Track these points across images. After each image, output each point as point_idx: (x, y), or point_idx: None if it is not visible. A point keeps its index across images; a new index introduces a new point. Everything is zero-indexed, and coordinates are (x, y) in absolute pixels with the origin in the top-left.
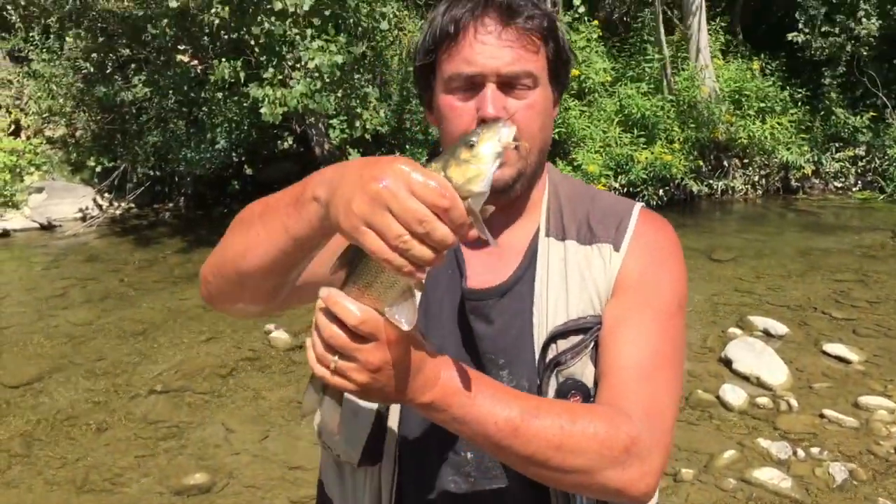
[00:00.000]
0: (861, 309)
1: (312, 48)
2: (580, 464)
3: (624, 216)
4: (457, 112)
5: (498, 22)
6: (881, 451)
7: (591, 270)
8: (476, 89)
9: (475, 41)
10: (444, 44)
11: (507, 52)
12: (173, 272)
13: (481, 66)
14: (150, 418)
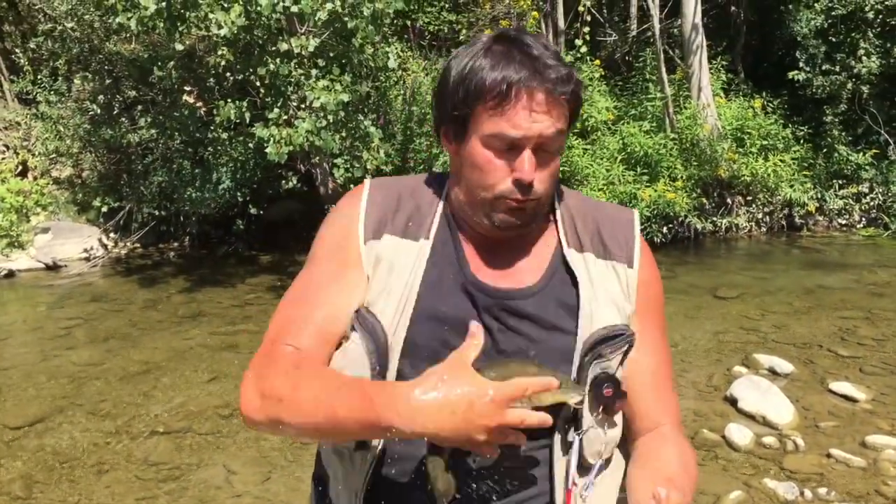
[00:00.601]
0: (867, 347)
1: (318, 88)
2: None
3: (628, 230)
4: (492, 167)
5: (547, 95)
6: (889, 492)
7: (611, 284)
8: (513, 149)
9: (526, 111)
10: (490, 100)
11: (548, 120)
12: (177, 312)
13: (527, 132)
14: (152, 460)
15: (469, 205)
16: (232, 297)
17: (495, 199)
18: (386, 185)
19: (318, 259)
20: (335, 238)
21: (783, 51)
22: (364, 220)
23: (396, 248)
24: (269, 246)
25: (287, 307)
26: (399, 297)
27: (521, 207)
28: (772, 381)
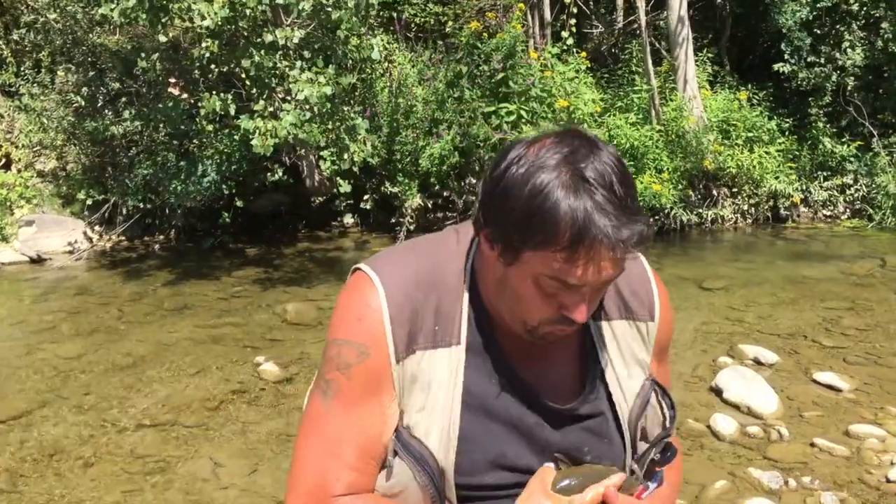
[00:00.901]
0: (851, 337)
1: (301, 80)
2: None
3: (646, 283)
4: (538, 303)
5: (615, 254)
6: (872, 480)
7: (635, 342)
8: (570, 289)
9: (595, 266)
10: (557, 242)
11: (614, 271)
12: (163, 305)
13: (587, 282)
14: (138, 453)
15: (504, 314)
16: (218, 289)
17: (538, 325)
18: (402, 282)
19: (344, 390)
20: (363, 368)
21: (768, 43)
22: (392, 339)
23: (430, 362)
24: (255, 239)
25: (316, 444)
26: (442, 416)
27: (564, 333)
28: (756, 372)
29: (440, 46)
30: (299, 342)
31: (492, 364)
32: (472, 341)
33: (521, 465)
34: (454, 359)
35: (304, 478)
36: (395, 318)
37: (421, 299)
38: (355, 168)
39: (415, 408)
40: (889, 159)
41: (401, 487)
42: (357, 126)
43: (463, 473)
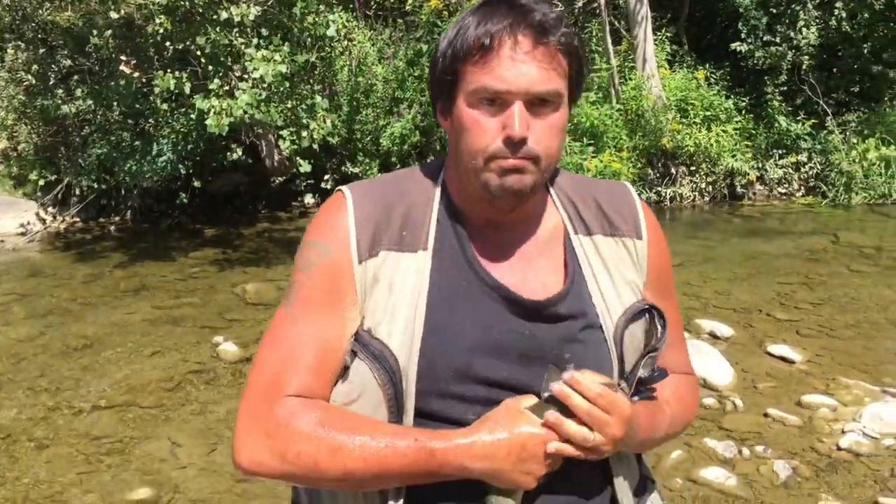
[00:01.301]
0: (804, 310)
1: (257, 58)
2: (678, 431)
3: (630, 202)
4: (481, 128)
5: (532, 40)
6: (823, 448)
7: (623, 262)
8: (503, 106)
9: (509, 59)
10: (474, 56)
11: (538, 72)
12: (119, 286)
13: (512, 83)
14: (94, 434)
15: (464, 180)
16: (176, 270)
17: (487, 162)
18: (371, 192)
19: (305, 292)
20: (324, 268)
21: (726, 23)
22: (356, 241)
23: (395, 265)
24: (213, 219)
25: (274, 348)
26: (405, 317)
27: (516, 168)
28: (712, 345)
29: (400, 25)
30: (258, 322)
31: (461, 267)
32: (440, 246)
33: (492, 378)
34: (421, 263)
35: (260, 378)
36: (360, 221)
37: (389, 206)
38: (315, 147)
39: (377, 309)
40: (842, 137)
41: (358, 391)
42: (316, 104)
43: (425, 379)
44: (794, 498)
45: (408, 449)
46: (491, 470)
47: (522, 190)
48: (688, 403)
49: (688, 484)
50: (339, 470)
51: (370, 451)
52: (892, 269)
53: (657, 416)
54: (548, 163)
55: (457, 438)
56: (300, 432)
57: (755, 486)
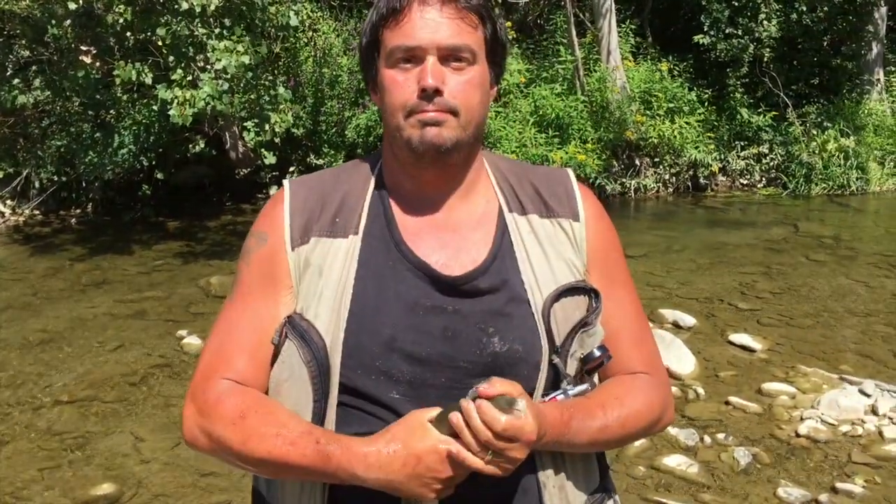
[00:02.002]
0: (765, 300)
1: (219, 49)
2: (635, 431)
3: (567, 185)
4: (398, 85)
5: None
6: (783, 435)
7: (560, 242)
8: (417, 62)
9: (417, 17)
10: (388, 20)
11: (447, 27)
12: (80, 279)
13: (422, 39)
14: (55, 430)
15: (393, 145)
16: (138, 263)
17: (407, 117)
18: (307, 184)
19: (244, 279)
20: (261, 256)
21: (689, 15)
22: (290, 226)
23: (325, 250)
24: (177, 212)
25: (217, 335)
26: (332, 298)
27: (435, 121)
28: (675, 335)
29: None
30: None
31: (388, 247)
32: (371, 230)
33: (415, 354)
34: (350, 247)
35: (202, 360)
36: (294, 210)
37: (324, 196)
38: (277, 139)
39: (308, 293)
40: (802, 129)
41: (288, 371)
42: (279, 96)
43: (351, 357)
44: (754, 484)
45: (307, 450)
46: (385, 481)
47: (443, 144)
48: (644, 403)
49: (650, 472)
50: (249, 458)
51: (275, 446)
52: (849, 258)
53: (586, 417)
54: (468, 117)
55: (354, 446)
56: (222, 418)
57: (716, 472)
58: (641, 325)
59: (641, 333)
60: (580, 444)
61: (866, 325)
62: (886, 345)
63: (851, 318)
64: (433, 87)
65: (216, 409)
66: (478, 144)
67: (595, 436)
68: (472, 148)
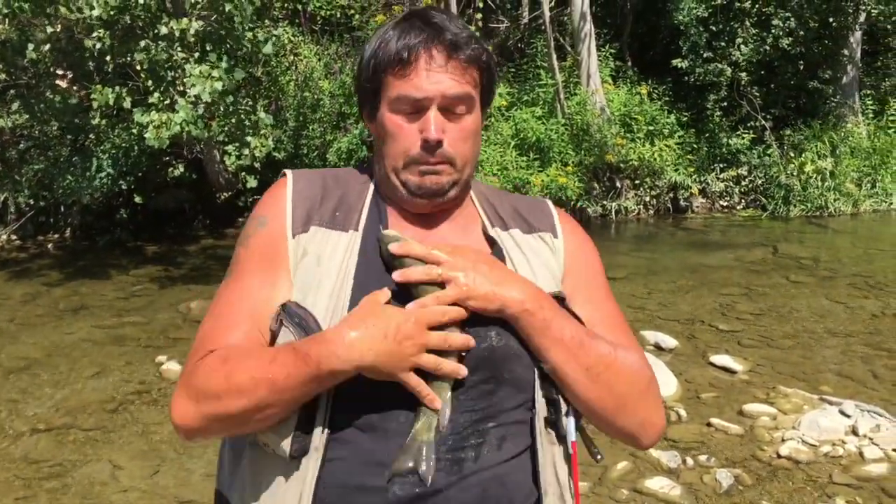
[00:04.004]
0: (745, 321)
1: (195, 75)
2: (619, 386)
3: (543, 207)
4: (403, 132)
5: (445, 55)
6: (764, 456)
7: (542, 254)
8: (420, 112)
9: (425, 70)
10: (394, 67)
11: (450, 82)
12: (58, 305)
13: (428, 91)
14: (32, 458)
15: (389, 178)
16: (117, 289)
17: (407, 164)
18: (309, 175)
19: (241, 260)
20: (260, 239)
21: (667, 39)
22: (291, 213)
23: (324, 241)
24: (156, 236)
25: (212, 314)
26: (331, 290)
27: (434, 171)
28: (657, 356)
29: (346, 40)
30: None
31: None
32: (371, 231)
33: None
34: (351, 241)
35: (195, 344)
36: (296, 199)
37: (325, 188)
38: (258, 163)
39: (305, 280)
40: (780, 151)
41: None
42: (260, 120)
43: None
44: None
45: (286, 359)
46: (372, 358)
47: (440, 189)
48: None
49: (633, 494)
50: (234, 394)
51: (257, 370)
52: (829, 279)
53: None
54: (463, 163)
55: (329, 335)
56: (206, 370)
57: (699, 494)
58: (625, 328)
59: (626, 335)
60: (571, 337)
61: (846, 346)
62: (866, 365)
63: (831, 338)
64: (436, 140)
65: (199, 368)
66: (470, 180)
67: (570, 341)
68: (466, 185)
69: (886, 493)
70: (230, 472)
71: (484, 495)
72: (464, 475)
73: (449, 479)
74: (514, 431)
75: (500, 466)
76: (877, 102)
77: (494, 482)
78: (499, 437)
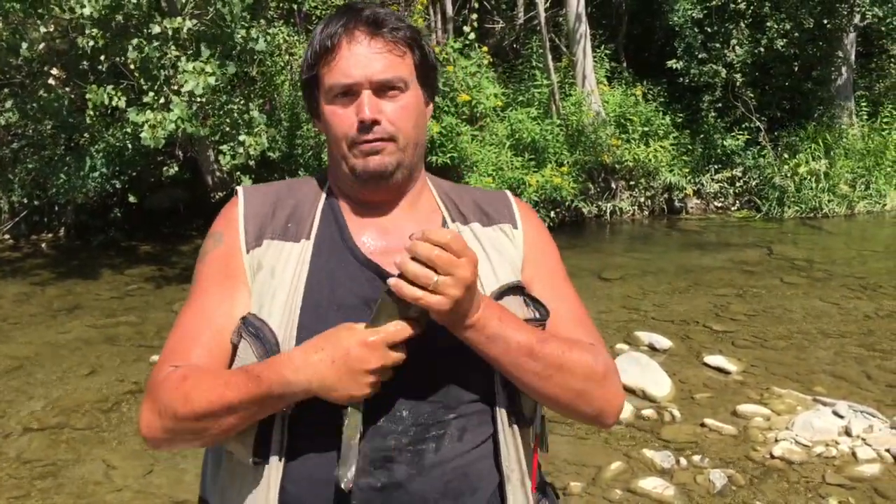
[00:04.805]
0: (739, 322)
1: (188, 71)
2: (573, 383)
3: (504, 199)
4: (339, 118)
5: (367, 34)
6: (757, 457)
7: (502, 246)
8: (354, 96)
9: (349, 54)
10: (322, 58)
11: (377, 60)
12: (52, 305)
13: (355, 76)
14: (25, 457)
15: (339, 169)
16: (111, 288)
17: (350, 148)
18: (260, 191)
19: (201, 280)
20: (217, 255)
21: (663, 40)
22: (244, 230)
23: (277, 253)
24: (150, 236)
25: (176, 332)
26: (286, 296)
27: (375, 150)
28: (651, 357)
29: None
30: None
31: (339, 251)
32: (322, 236)
33: None
34: (302, 251)
35: (162, 354)
36: (249, 214)
37: (276, 202)
38: (252, 161)
39: (261, 293)
40: (775, 152)
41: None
42: (254, 119)
43: None
44: None
45: (239, 382)
46: (317, 381)
47: (385, 170)
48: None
49: (627, 495)
50: (191, 413)
51: (212, 391)
52: (822, 280)
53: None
54: (405, 140)
55: (281, 358)
56: (167, 388)
57: (692, 495)
58: (582, 315)
59: (585, 321)
60: (518, 345)
61: (840, 347)
62: (859, 366)
63: (825, 339)
64: (370, 119)
65: (161, 386)
66: (420, 162)
67: (517, 349)
68: (415, 166)
69: (879, 493)
70: (212, 478)
71: (446, 487)
72: (425, 467)
73: (410, 471)
74: (476, 421)
75: (461, 457)
76: (871, 104)
77: (456, 473)
78: (459, 427)
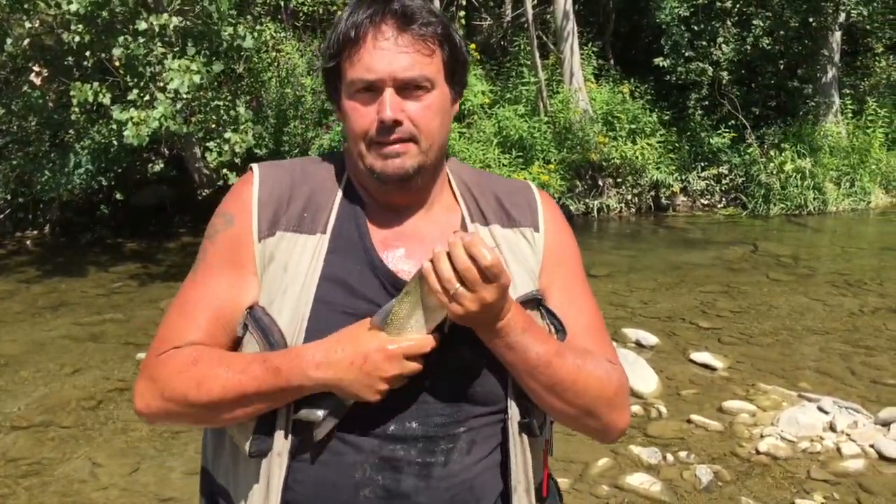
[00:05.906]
0: (725, 318)
1: (174, 69)
2: (585, 399)
3: (528, 197)
4: (359, 114)
5: (395, 28)
6: (743, 453)
7: (521, 251)
8: (377, 92)
9: (374, 48)
10: (346, 49)
11: (403, 58)
12: (36, 302)
13: (379, 72)
14: (10, 455)
15: (358, 165)
16: (97, 285)
17: (368, 147)
18: (276, 174)
19: (208, 258)
20: (227, 236)
21: (650, 38)
22: (257, 217)
23: (291, 246)
24: (137, 233)
25: (176, 309)
26: (296, 294)
27: (395, 153)
28: (638, 354)
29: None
30: None
31: (357, 253)
32: (339, 231)
33: None
34: (318, 246)
35: (158, 336)
36: (263, 199)
37: (292, 188)
38: (238, 159)
39: (272, 287)
40: (760, 150)
41: None
42: (240, 116)
43: None
44: (716, 501)
45: (256, 371)
46: (334, 380)
47: (405, 173)
48: (604, 371)
49: (614, 490)
50: (204, 399)
51: (227, 379)
52: (808, 277)
53: (553, 342)
54: (429, 142)
55: (301, 352)
56: (174, 370)
57: (679, 490)
58: (599, 325)
59: (600, 333)
60: (536, 356)
61: (825, 343)
62: (844, 362)
63: (810, 336)
64: (391, 120)
65: (167, 366)
66: (441, 163)
67: (536, 360)
68: (436, 168)
69: (863, 488)
70: (215, 454)
71: (452, 500)
72: (433, 480)
73: (418, 484)
74: (485, 434)
75: (468, 470)
76: (856, 102)
77: (463, 486)
78: (468, 441)
